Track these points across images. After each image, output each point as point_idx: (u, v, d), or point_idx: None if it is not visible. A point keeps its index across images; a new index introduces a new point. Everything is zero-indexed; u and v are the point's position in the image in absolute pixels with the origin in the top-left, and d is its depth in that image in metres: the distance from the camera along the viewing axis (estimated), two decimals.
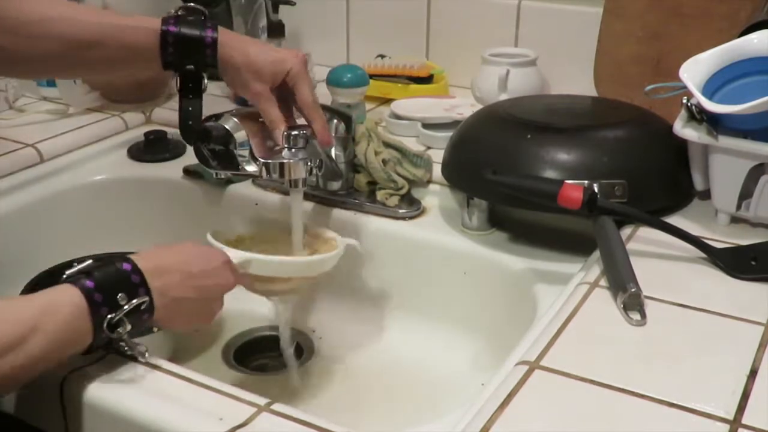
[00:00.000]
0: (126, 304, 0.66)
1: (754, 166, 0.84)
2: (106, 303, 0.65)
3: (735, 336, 0.70)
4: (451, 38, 1.32)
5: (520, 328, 0.77)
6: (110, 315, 0.65)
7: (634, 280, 0.74)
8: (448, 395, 0.91)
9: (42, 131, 1.20)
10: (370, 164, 1.03)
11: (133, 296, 0.67)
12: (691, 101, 0.87)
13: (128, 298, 0.66)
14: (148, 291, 0.68)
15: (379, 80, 1.29)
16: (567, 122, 0.95)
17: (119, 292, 0.66)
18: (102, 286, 0.65)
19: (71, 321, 0.64)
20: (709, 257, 0.81)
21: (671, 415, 0.60)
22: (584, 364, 0.66)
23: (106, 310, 0.65)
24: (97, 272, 0.66)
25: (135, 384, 0.67)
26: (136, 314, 0.67)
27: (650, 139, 0.94)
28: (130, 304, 0.66)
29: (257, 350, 1.04)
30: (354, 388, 0.96)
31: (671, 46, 1.06)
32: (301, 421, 0.63)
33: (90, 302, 0.64)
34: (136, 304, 0.66)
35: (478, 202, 0.97)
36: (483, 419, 0.60)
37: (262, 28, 1.30)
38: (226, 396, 0.66)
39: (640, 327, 0.71)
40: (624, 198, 0.87)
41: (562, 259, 0.91)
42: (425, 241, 1.00)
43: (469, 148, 0.97)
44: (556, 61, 1.22)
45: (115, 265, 0.67)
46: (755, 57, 0.88)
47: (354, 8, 1.40)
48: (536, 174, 0.88)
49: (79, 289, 0.64)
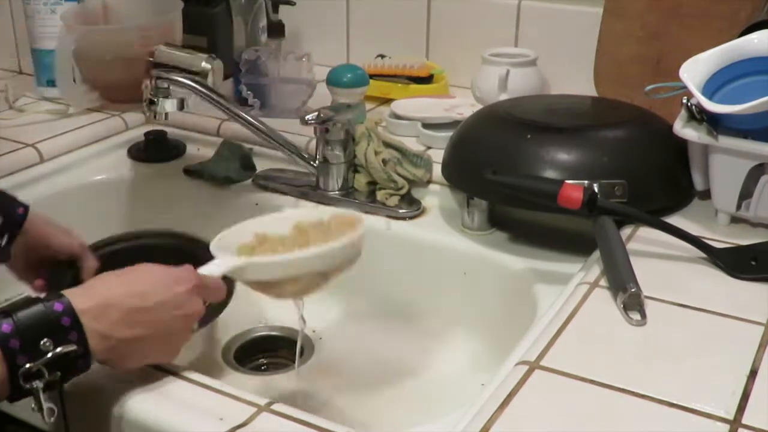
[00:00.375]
0: (51, 352, 0.58)
1: (754, 166, 0.84)
2: (24, 350, 0.58)
3: (735, 336, 0.70)
4: (451, 38, 1.32)
5: (520, 328, 0.77)
6: (29, 364, 0.58)
7: (634, 280, 0.74)
8: (448, 395, 0.91)
9: (42, 131, 1.20)
10: (370, 164, 1.03)
11: (60, 342, 0.59)
12: (691, 101, 0.87)
13: (54, 344, 0.59)
14: (81, 335, 0.60)
15: (379, 80, 1.29)
16: (567, 122, 0.94)
17: (44, 338, 0.58)
18: (21, 331, 0.58)
19: None
20: (709, 257, 0.81)
21: (671, 415, 0.60)
22: (584, 364, 0.66)
23: (24, 359, 0.58)
24: (20, 313, 0.59)
25: (135, 384, 0.67)
26: (66, 362, 0.59)
27: (650, 139, 0.94)
28: (54, 354, 0.58)
29: (257, 350, 1.03)
30: (354, 387, 0.96)
31: (671, 46, 1.06)
32: (301, 421, 0.63)
33: (4, 349, 0.57)
34: (61, 353, 0.59)
35: (478, 202, 0.97)
36: (483, 419, 0.60)
37: (262, 28, 1.30)
38: (226, 396, 0.66)
39: (640, 327, 0.71)
40: (624, 198, 0.87)
41: (562, 259, 0.91)
42: (425, 241, 1.00)
43: (469, 148, 0.97)
44: (556, 61, 1.22)
45: (43, 305, 0.59)
46: (755, 57, 0.88)
47: (354, 8, 1.40)
48: (536, 174, 0.88)
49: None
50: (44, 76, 1.35)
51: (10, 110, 1.28)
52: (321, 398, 0.94)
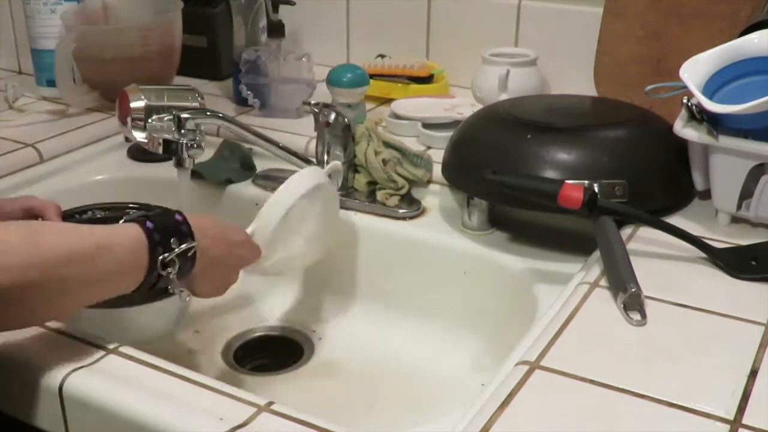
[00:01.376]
0: (177, 247, 0.73)
1: (754, 166, 0.84)
2: (161, 243, 0.72)
3: (735, 336, 0.70)
4: (451, 38, 1.32)
5: (520, 328, 0.77)
6: (164, 254, 0.72)
7: (634, 280, 0.74)
8: (448, 395, 0.91)
9: (42, 131, 1.20)
10: (370, 164, 1.03)
11: (183, 242, 0.73)
12: (691, 101, 0.87)
13: (179, 243, 0.73)
14: (193, 241, 0.75)
15: (379, 80, 1.29)
16: (567, 122, 0.94)
17: (172, 237, 0.73)
18: (159, 228, 0.72)
19: (133, 252, 0.70)
20: (710, 257, 0.81)
21: (671, 415, 0.60)
22: (584, 364, 0.66)
23: (161, 250, 0.71)
24: (155, 217, 0.73)
25: (135, 384, 0.67)
26: (183, 259, 0.73)
27: (650, 139, 0.94)
28: (180, 248, 0.73)
29: (257, 350, 1.03)
30: (354, 388, 0.96)
31: (671, 46, 1.06)
32: (301, 421, 0.63)
33: (150, 239, 0.71)
34: (185, 248, 0.73)
35: (478, 202, 0.97)
36: (483, 419, 0.60)
37: (262, 28, 1.30)
38: (226, 396, 0.66)
39: (640, 327, 0.71)
40: (624, 198, 0.87)
41: (562, 259, 0.91)
42: (425, 241, 1.00)
43: (469, 148, 0.97)
44: (556, 61, 1.22)
45: (171, 215, 0.75)
46: (755, 57, 0.87)
47: (354, 8, 1.40)
48: (536, 174, 0.88)
49: (141, 227, 0.71)
50: (44, 76, 1.35)
51: (10, 110, 1.28)
52: (321, 398, 0.94)
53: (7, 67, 1.56)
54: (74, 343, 0.73)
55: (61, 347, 0.72)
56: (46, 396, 0.69)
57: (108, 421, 0.66)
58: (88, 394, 0.67)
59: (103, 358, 0.70)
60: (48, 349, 0.72)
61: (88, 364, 0.69)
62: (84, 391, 0.67)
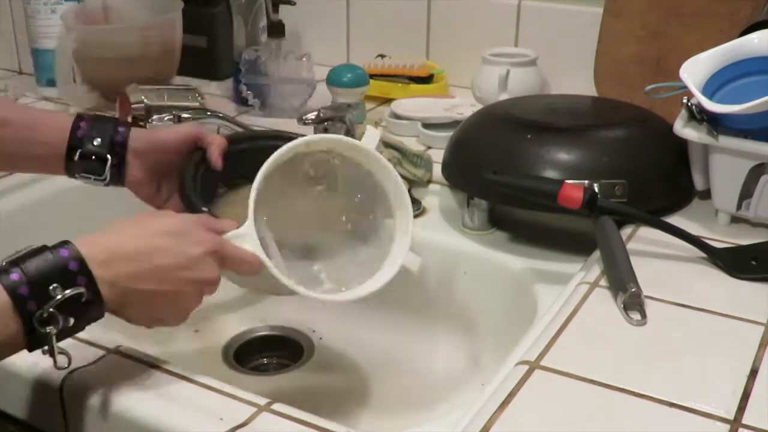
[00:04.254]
0: (59, 294, 0.58)
1: (754, 166, 0.84)
2: (34, 296, 0.58)
3: (735, 336, 0.70)
4: (451, 38, 1.32)
5: (520, 328, 0.77)
6: (40, 310, 0.58)
7: (634, 280, 0.74)
8: (448, 395, 0.91)
9: None
10: None
11: (69, 286, 0.59)
12: (691, 101, 0.87)
13: (63, 289, 0.58)
14: (90, 280, 0.60)
15: (379, 80, 1.29)
16: (567, 122, 0.94)
17: (52, 283, 0.58)
18: (30, 278, 0.58)
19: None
20: (710, 257, 0.81)
21: (671, 415, 0.60)
22: (584, 364, 0.66)
23: (34, 305, 0.58)
24: (27, 262, 0.59)
25: (135, 384, 0.67)
26: (76, 307, 0.59)
27: (650, 139, 0.94)
28: (62, 295, 0.58)
29: (257, 350, 1.03)
30: (354, 388, 0.96)
31: (671, 46, 1.06)
32: (301, 421, 0.63)
33: (13, 296, 0.57)
34: (69, 295, 0.58)
35: (478, 202, 0.97)
36: (483, 419, 0.60)
37: (262, 28, 1.30)
38: (226, 396, 0.66)
39: (640, 327, 0.71)
40: (624, 198, 0.87)
41: (562, 259, 0.91)
42: (425, 241, 1.00)
43: (469, 148, 0.97)
44: (556, 61, 1.22)
45: (50, 252, 0.59)
46: (755, 57, 0.87)
47: (354, 8, 1.40)
48: (536, 174, 0.88)
49: (2, 284, 0.57)
50: (44, 76, 1.35)
51: None
52: (321, 398, 0.94)
53: (8, 67, 1.56)
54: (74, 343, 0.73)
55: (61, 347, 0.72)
56: (46, 396, 0.69)
57: (108, 421, 0.66)
58: (88, 394, 0.67)
59: (103, 358, 0.70)
60: None
61: (88, 364, 0.69)
62: (84, 391, 0.67)
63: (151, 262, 0.63)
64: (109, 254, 0.61)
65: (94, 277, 0.60)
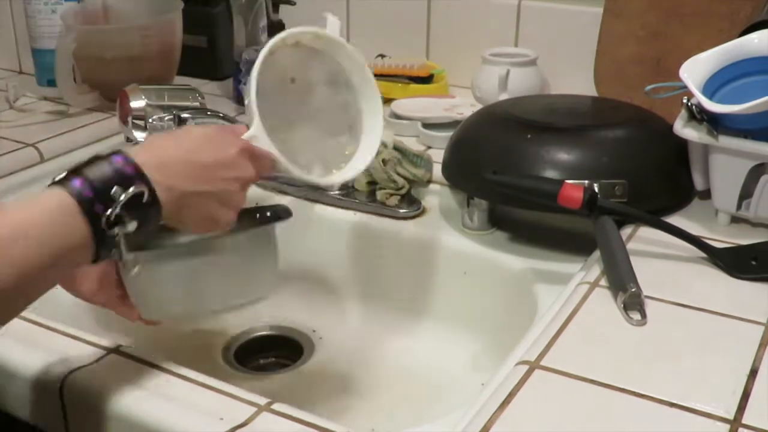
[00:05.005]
0: (121, 196, 0.59)
1: (754, 166, 0.84)
2: (99, 199, 0.58)
3: (735, 336, 0.70)
4: (451, 38, 1.32)
5: (520, 328, 0.77)
6: (107, 211, 0.59)
7: (634, 280, 0.74)
8: (448, 395, 0.91)
9: (42, 131, 1.20)
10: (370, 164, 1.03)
11: (128, 188, 0.60)
12: (691, 101, 0.87)
13: (123, 190, 0.59)
14: (147, 182, 0.61)
15: (379, 80, 1.28)
16: (567, 122, 0.94)
17: (114, 185, 0.59)
18: (92, 182, 0.59)
19: (60, 225, 0.57)
20: (710, 257, 0.81)
21: (671, 415, 0.60)
22: (584, 364, 0.66)
23: (101, 207, 0.58)
24: (86, 169, 0.60)
25: (135, 383, 0.67)
26: (139, 209, 0.60)
27: (650, 139, 0.94)
28: (126, 195, 0.59)
29: (257, 350, 1.04)
30: (354, 388, 0.96)
31: (671, 46, 1.06)
32: (301, 421, 0.63)
33: (79, 199, 0.58)
34: (132, 194, 0.59)
35: (478, 202, 0.97)
36: (483, 419, 0.60)
37: (262, 28, 1.30)
38: (226, 396, 0.66)
39: (640, 327, 0.71)
40: (624, 198, 0.87)
41: (562, 259, 0.91)
42: (425, 241, 1.00)
43: (469, 148, 0.97)
44: (556, 61, 1.22)
45: (106, 159, 0.60)
46: (755, 57, 0.87)
47: (354, 8, 1.40)
48: (536, 174, 0.88)
49: (65, 189, 0.58)
50: (44, 76, 1.35)
51: (10, 110, 1.28)
52: (321, 398, 0.94)
53: (8, 67, 1.56)
54: (74, 343, 0.73)
55: (61, 347, 0.72)
56: (46, 396, 0.69)
57: (108, 421, 0.66)
58: (88, 394, 0.67)
59: (103, 358, 0.70)
60: (48, 349, 0.72)
61: (88, 364, 0.69)
62: (84, 391, 0.67)
63: (200, 163, 0.65)
64: (160, 159, 0.63)
65: (150, 181, 0.61)
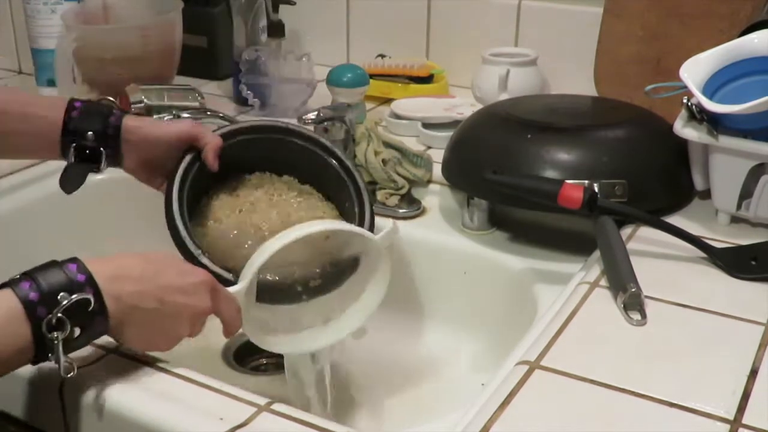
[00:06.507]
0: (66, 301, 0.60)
1: (754, 166, 0.84)
2: (43, 302, 0.60)
3: (735, 336, 0.70)
4: (451, 38, 1.32)
5: (520, 328, 0.77)
6: (49, 315, 0.60)
7: (634, 280, 0.74)
8: (448, 395, 0.91)
9: None
10: (370, 164, 1.03)
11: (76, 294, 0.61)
12: (691, 101, 0.87)
13: (70, 296, 0.60)
14: (96, 291, 0.62)
15: (379, 80, 1.29)
16: (567, 122, 0.95)
17: (61, 291, 0.60)
18: (40, 285, 0.60)
19: (6, 325, 0.59)
20: (710, 257, 0.81)
21: (671, 415, 0.60)
22: (584, 364, 0.66)
23: (44, 311, 0.60)
24: (37, 273, 0.61)
25: (135, 384, 0.67)
26: (83, 317, 0.61)
27: (650, 139, 0.94)
28: (69, 300, 0.60)
29: (257, 350, 1.03)
30: (354, 387, 0.96)
31: (671, 46, 1.06)
32: (301, 421, 0.63)
33: (24, 302, 0.59)
34: (75, 300, 0.60)
35: (478, 202, 0.97)
36: (483, 419, 0.60)
37: (262, 28, 1.30)
38: (226, 396, 0.66)
39: (640, 327, 0.71)
40: (624, 198, 0.87)
41: (562, 259, 0.91)
42: (425, 241, 1.00)
43: (469, 148, 0.97)
44: (556, 61, 1.22)
45: (59, 266, 0.62)
46: (755, 57, 0.88)
47: (354, 8, 1.40)
48: (536, 174, 0.88)
49: (14, 291, 0.59)
50: (44, 76, 1.35)
51: None
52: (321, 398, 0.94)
53: (7, 67, 1.56)
54: None
55: None
56: (46, 396, 0.69)
57: (108, 421, 0.66)
58: (88, 394, 0.67)
59: (103, 358, 0.70)
60: None
61: (88, 364, 0.69)
62: (84, 390, 0.67)
63: (154, 282, 0.66)
64: (115, 272, 0.64)
65: (101, 290, 0.62)
